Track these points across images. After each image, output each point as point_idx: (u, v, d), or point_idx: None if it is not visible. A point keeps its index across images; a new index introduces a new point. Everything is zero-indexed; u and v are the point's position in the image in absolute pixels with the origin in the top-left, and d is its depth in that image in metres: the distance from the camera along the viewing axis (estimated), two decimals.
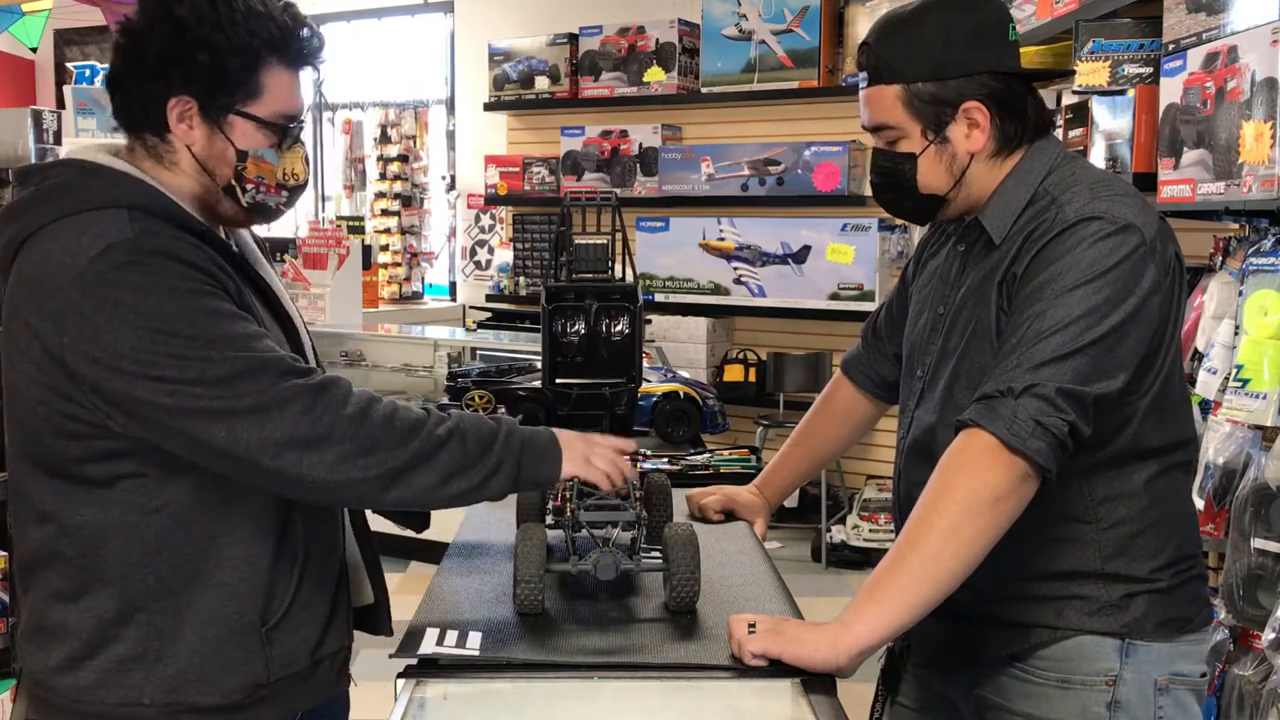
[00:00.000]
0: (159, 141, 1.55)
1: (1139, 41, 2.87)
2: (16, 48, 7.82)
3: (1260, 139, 2.15)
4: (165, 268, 1.43)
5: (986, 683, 1.70)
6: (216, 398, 1.41)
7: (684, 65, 5.99)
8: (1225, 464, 2.26)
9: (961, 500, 1.46)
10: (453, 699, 1.42)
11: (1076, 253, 1.53)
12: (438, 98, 7.55)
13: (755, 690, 1.44)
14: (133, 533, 1.49)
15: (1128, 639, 1.61)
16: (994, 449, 1.47)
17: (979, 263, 1.70)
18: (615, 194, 1.70)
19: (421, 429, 1.49)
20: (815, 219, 5.63)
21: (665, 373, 3.30)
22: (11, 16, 6.35)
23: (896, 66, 1.65)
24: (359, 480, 1.45)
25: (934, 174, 1.67)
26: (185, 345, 1.41)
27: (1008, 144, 1.67)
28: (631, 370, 1.66)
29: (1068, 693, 1.62)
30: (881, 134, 1.70)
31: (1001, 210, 1.67)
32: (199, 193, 1.57)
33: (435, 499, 1.51)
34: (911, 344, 1.84)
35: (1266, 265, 2.21)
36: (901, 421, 1.83)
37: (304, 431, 1.43)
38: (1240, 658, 2.27)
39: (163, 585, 1.51)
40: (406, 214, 7.40)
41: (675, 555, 1.53)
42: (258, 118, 1.56)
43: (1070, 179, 1.64)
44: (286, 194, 1.62)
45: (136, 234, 1.44)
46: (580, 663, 1.42)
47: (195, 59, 1.50)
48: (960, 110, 1.64)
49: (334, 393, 1.46)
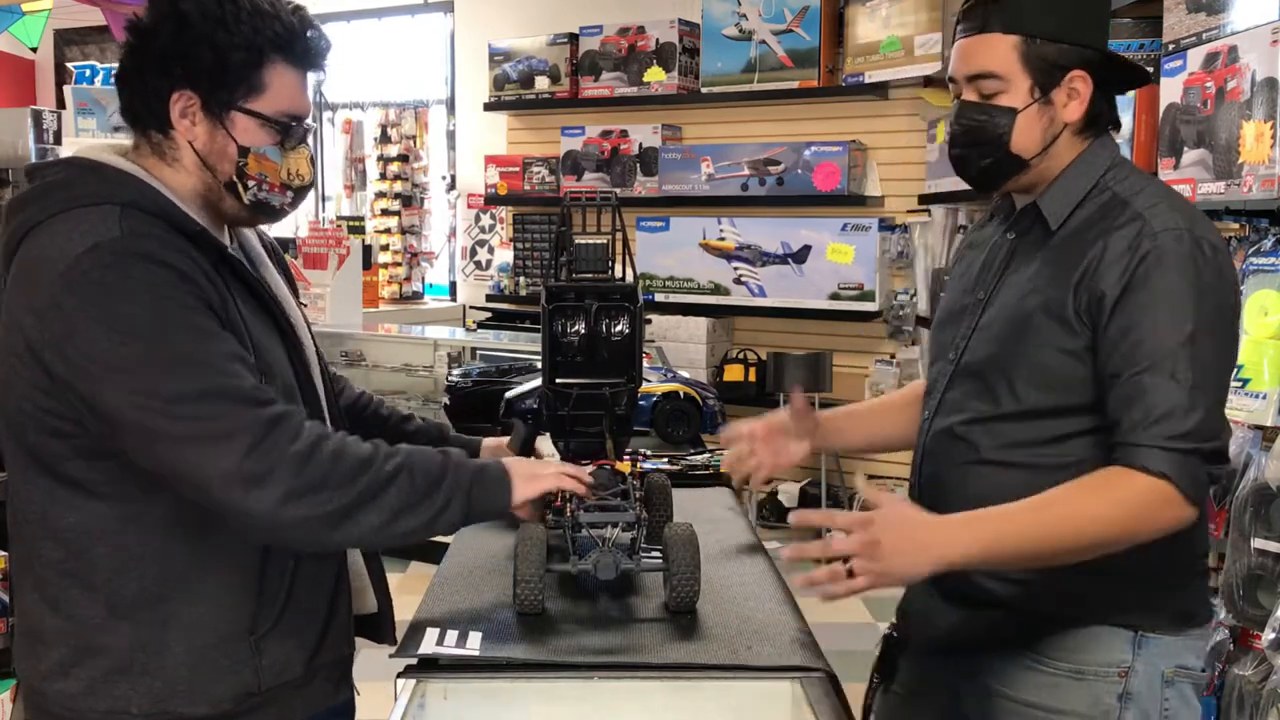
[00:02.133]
0: (162, 138, 1.56)
1: (1139, 41, 2.87)
2: (16, 48, 7.82)
3: (1260, 139, 2.15)
4: (146, 273, 1.42)
5: (994, 672, 1.71)
6: (172, 418, 1.40)
7: (684, 65, 5.99)
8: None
9: (1093, 520, 1.51)
10: (453, 699, 1.42)
11: (1180, 274, 1.56)
12: (438, 98, 7.55)
13: (755, 690, 1.44)
14: (117, 539, 1.48)
15: (1141, 631, 1.64)
16: (1174, 500, 1.52)
17: (1035, 252, 1.70)
18: (615, 194, 1.69)
19: (369, 467, 1.47)
20: (815, 219, 5.63)
21: (665, 373, 3.29)
22: (11, 16, 6.35)
23: (1023, 16, 1.66)
24: (304, 519, 1.43)
25: (1029, 134, 1.67)
26: (151, 354, 1.40)
27: (1092, 124, 1.70)
28: (631, 370, 1.65)
29: (1081, 683, 1.65)
30: (979, 84, 1.69)
31: (1061, 197, 1.69)
32: (201, 190, 1.57)
33: (384, 537, 1.50)
34: (944, 330, 1.84)
35: (1266, 265, 2.21)
36: (927, 404, 1.83)
37: (250, 467, 1.40)
38: (1240, 658, 2.28)
39: (148, 593, 1.49)
40: (407, 214, 7.40)
41: (675, 555, 1.53)
42: (260, 114, 1.55)
43: (1133, 180, 1.68)
44: (291, 194, 1.62)
45: (124, 234, 1.43)
46: (580, 663, 1.42)
47: (198, 54, 1.50)
48: (1068, 76, 1.66)
49: (284, 428, 1.44)
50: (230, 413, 1.41)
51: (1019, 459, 1.64)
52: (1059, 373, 1.62)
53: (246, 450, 1.40)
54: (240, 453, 1.40)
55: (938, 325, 1.87)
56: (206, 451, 1.40)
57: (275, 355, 1.59)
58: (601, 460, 1.67)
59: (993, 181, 1.75)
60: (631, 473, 1.66)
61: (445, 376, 4.16)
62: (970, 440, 1.71)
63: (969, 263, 1.84)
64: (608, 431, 1.68)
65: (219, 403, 1.41)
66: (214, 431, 1.40)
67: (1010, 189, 1.76)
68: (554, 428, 1.71)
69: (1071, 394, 1.61)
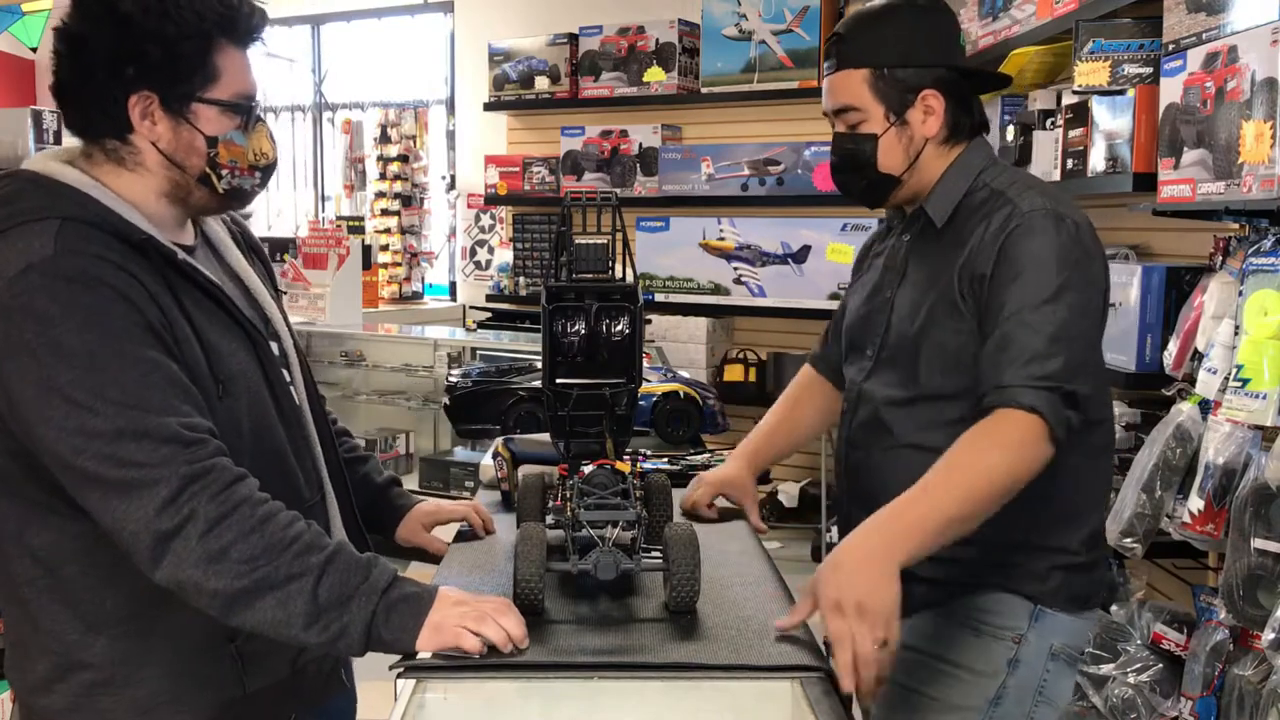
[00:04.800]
0: (120, 144, 1.51)
1: (1139, 41, 2.87)
2: (16, 48, 7.82)
3: (1260, 139, 2.15)
4: (78, 297, 1.37)
5: (905, 629, 1.74)
6: (92, 456, 1.35)
7: (684, 65, 5.99)
8: (1225, 464, 2.26)
9: (993, 472, 1.59)
10: (453, 699, 1.42)
11: (1042, 241, 1.70)
12: (438, 98, 7.55)
13: (755, 690, 1.43)
14: (89, 557, 1.47)
15: (1039, 605, 1.79)
16: (1042, 436, 1.62)
17: (926, 249, 1.88)
18: (615, 194, 1.69)
19: (283, 551, 1.39)
20: (815, 219, 5.63)
21: (665, 373, 3.29)
22: (11, 16, 6.35)
23: (867, 52, 1.84)
24: (197, 587, 1.36)
25: (892, 154, 1.86)
26: (76, 386, 1.35)
27: (955, 134, 1.88)
28: (632, 370, 1.65)
29: (979, 639, 1.80)
30: (844, 116, 1.88)
31: (943, 198, 1.86)
32: (167, 189, 1.54)
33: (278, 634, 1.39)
34: (855, 328, 2.00)
35: (1266, 265, 2.21)
36: (847, 397, 1.98)
37: (162, 523, 1.35)
38: (1240, 658, 2.28)
39: (123, 608, 1.48)
40: (406, 214, 7.39)
41: (675, 555, 1.53)
42: (220, 101, 1.52)
43: (1006, 176, 1.85)
44: (260, 174, 1.59)
45: (58, 252, 1.38)
46: (580, 663, 1.42)
47: (147, 51, 1.46)
48: (920, 96, 1.84)
49: (206, 482, 1.37)
50: (150, 458, 1.35)
51: (934, 442, 1.71)
52: (958, 355, 1.76)
53: (161, 504, 1.35)
54: (156, 506, 1.35)
55: (849, 328, 2.03)
56: (125, 498, 1.35)
57: (237, 359, 1.55)
58: (601, 460, 1.67)
59: (874, 199, 1.95)
60: (631, 473, 1.66)
61: (445, 376, 4.16)
62: (888, 426, 1.86)
63: (874, 269, 2.01)
64: (607, 431, 1.68)
65: (140, 444, 1.35)
66: (132, 480, 1.35)
67: (894, 203, 1.94)
68: (554, 428, 1.71)
69: (973, 375, 1.73)
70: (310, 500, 1.67)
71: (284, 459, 1.63)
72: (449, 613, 1.42)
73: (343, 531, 1.73)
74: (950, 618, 1.82)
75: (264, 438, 1.59)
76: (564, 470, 1.72)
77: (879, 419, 1.88)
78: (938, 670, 1.82)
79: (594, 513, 1.56)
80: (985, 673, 1.79)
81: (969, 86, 1.90)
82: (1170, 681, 2.57)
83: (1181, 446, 2.47)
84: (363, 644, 1.41)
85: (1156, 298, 2.71)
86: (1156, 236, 3.23)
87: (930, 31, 1.87)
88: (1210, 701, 2.32)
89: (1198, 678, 2.38)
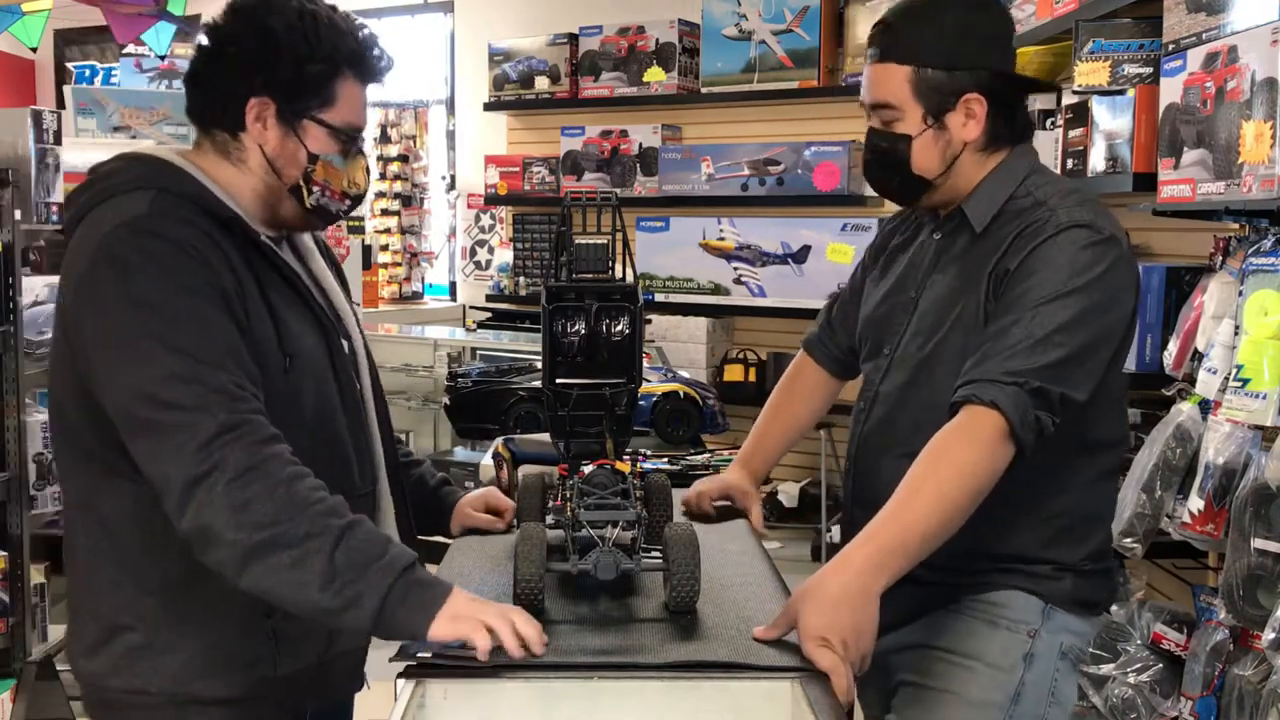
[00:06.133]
0: (229, 139, 1.63)
1: (1139, 41, 2.87)
2: (16, 48, 7.81)
3: (1260, 139, 2.15)
4: (158, 249, 1.47)
5: (919, 628, 1.80)
6: (140, 398, 1.41)
7: (684, 65, 5.98)
8: (1225, 464, 2.26)
9: (962, 472, 1.57)
10: (453, 699, 1.42)
11: (1068, 253, 1.65)
12: (438, 98, 7.55)
13: (755, 690, 1.44)
14: (143, 523, 1.53)
15: (1050, 604, 1.77)
16: (1004, 433, 1.58)
17: (960, 252, 1.81)
18: (616, 194, 1.70)
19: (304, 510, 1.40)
20: (815, 219, 5.62)
21: (665, 373, 3.29)
22: (11, 16, 6.34)
23: (912, 48, 1.74)
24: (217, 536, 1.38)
25: (927, 157, 1.78)
26: (139, 332, 1.43)
27: (995, 141, 1.79)
28: (632, 370, 1.65)
29: (995, 631, 1.77)
30: (880, 112, 1.79)
31: (984, 202, 1.79)
32: (262, 191, 1.64)
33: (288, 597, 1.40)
34: (875, 324, 1.94)
35: (1266, 265, 2.21)
36: (864, 396, 1.93)
37: (193, 468, 1.39)
38: (1240, 658, 2.28)
39: (169, 576, 1.54)
40: (406, 214, 7.39)
41: (675, 555, 1.53)
42: (330, 124, 1.64)
43: (1050, 185, 1.78)
44: (349, 202, 1.70)
45: (150, 212, 1.49)
46: (580, 663, 1.42)
47: (279, 64, 1.59)
48: (961, 100, 1.75)
49: (240, 432, 1.41)
50: (193, 402, 1.40)
51: None
52: None
53: (196, 448, 1.39)
54: (190, 449, 1.39)
55: (867, 321, 1.97)
56: (161, 441, 1.41)
57: (308, 339, 1.64)
58: (601, 460, 1.67)
59: (906, 198, 1.89)
60: (631, 473, 1.66)
61: (445, 377, 4.16)
62: (903, 431, 1.81)
63: (899, 263, 1.94)
64: (607, 431, 1.68)
65: (189, 388, 1.41)
66: (171, 421, 1.40)
67: (927, 205, 1.86)
68: (554, 428, 1.71)
69: None
70: (362, 490, 1.71)
71: (341, 445, 1.69)
72: (467, 605, 1.43)
73: (394, 529, 1.75)
74: (962, 613, 1.79)
75: (324, 420, 1.66)
76: (564, 470, 1.72)
77: (893, 422, 1.84)
78: (955, 664, 1.78)
79: (594, 513, 1.57)
80: (1003, 666, 1.75)
81: (1015, 91, 1.82)
82: (1170, 681, 2.57)
83: (1181, 446, 2.47)
84: (373, 617, 1.39)
85: (1156, 298, 2.71)
86: (1156, 236, 3.23)
87: (981, 31, 1.77)
88: (1210, 701, 2.32)
89: (1198, 678, 2.38)
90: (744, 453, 2.21)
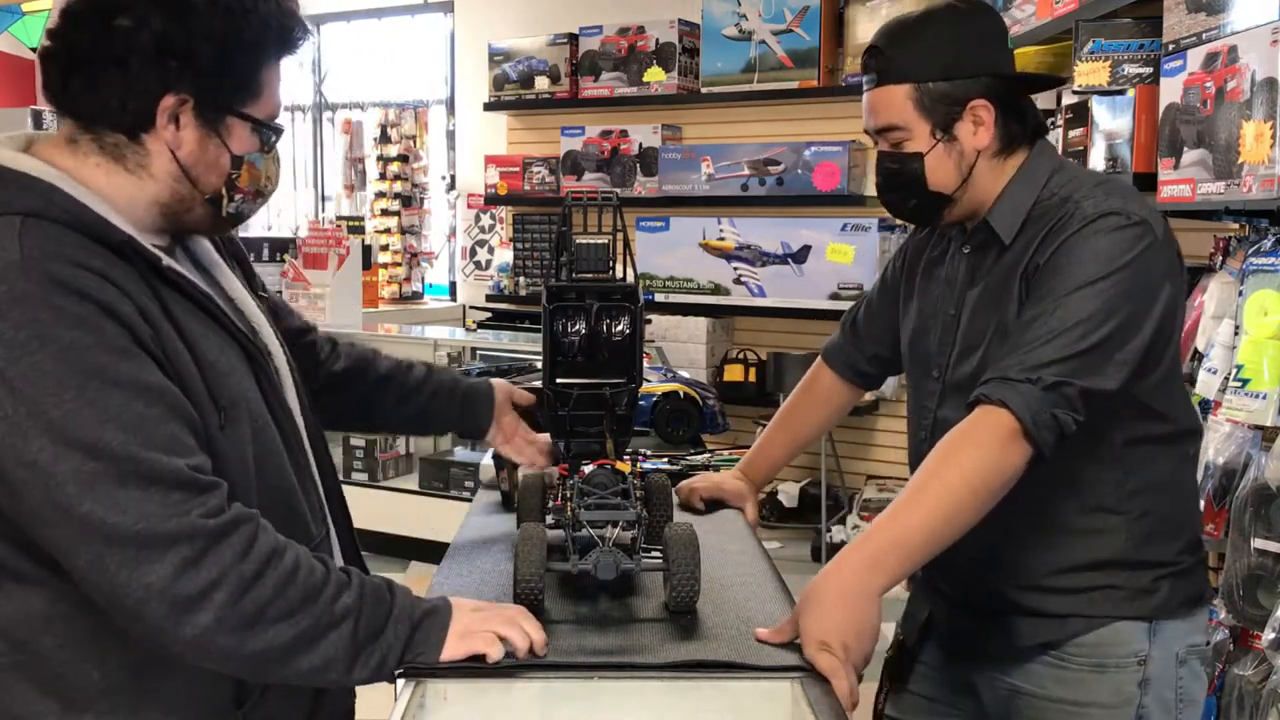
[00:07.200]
0: (125, 141, 1.30)
1: (1139, 41, 2.87)
2: (16, 48, 7.82)
3: (1260, 139, 2.15)
4: (53, 311, 1.16)
5: (1017, 670, 1.76)
6: (92, 508, 1.15)
7: (684, 65, 5.99)
8: (1225, 464, 2.27)
9: (973, 474, 1.52)
10: (453, 699, 1.42)
11: (1095, 242, 1.60)
12: (438, 98, 7.55)
13: (755, 690, 1.43)
14: (67, 625, 1.27)
15: (1155, 620, 1.70)
16: (1015, 433, 1.53)
17: (991, 264, 1.75)
18: (616, 194, 1.69)
19: (317, 598, 1.26)
20: (815, 219, 5.63)
21: (665, 373, 3.29)
22: (11, 16, 6.35)
23: (907, 67, 1.70)
24: (229, 653, 1.22)
25: (942, 172, 1.73)
26: (66, 424, 1.15)
27: (1010, 143, 1.74)
28: (632, 370, 1.65)
29: (1103, 676, 1.70)
30: (888, 135, 1.75)
31: (1009, 211, 1.73)
32: (166, 200, 1.34)
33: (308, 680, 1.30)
34: (921, 348, 1.87)
35: (1266, 265, 2.21)
36: (920, 423, 1.87)
37: (184, 588, 1.17)
38: (1240, 658, 2.27)
39: (111, 682, 1.28)
40: (406, 214, 7.40)
41: (675, 555, 1.53)
42: (254, 119, 1.36)
43: (1076, 180, 1.71)
44: (262, 199, 1.43)
45: (24, 257, 1.17)
46: (580, 663, 1.42)
47: (199, 49, 1.27)
48: (967, 108, 1.71)
49: (230, 540, 1.21)
50: (161, 509, 1.17)
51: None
52: None
53: (182, 565, 1.17)
54: (173, 567, 1.17)
55: (913, 342, 1.91)
56: (127, 557, 1.16)
57: (237, 377, 1.37)
58: (601, 460, 1.67)
59: (926, 218, 1.84)
60: (632, 473, 1.66)
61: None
62: None
63: (934, 280, 1.88)
64: (608, 431, 1.68)
65: (149, 492, 1.17)
66: (141, 534, 1.16)
67: (949, 220, 1.80)
68: (554, 428, 1.71)
69: None
70: (317, 537, 1.52)
71: (291, 495, 1.46)
72: (472, 619, 1.38)
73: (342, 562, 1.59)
74: (1067, 661, 1.72)
75: (269, 473, 1.41)
76: (564, 470, 1.72)
77: None
78: (1065, 713, 1.72)
79: (594, 513, 1.56)
80: (1115, 705, 1.70)
81: (1020, 91, 1.77)
82: None
83: None
84: (395, 668, 1.34)
85: None
86: None
87: (975, 36, 1.73)
88: (1210, 701, 2.32)
89: None
90: (746, 458, 2.20)
